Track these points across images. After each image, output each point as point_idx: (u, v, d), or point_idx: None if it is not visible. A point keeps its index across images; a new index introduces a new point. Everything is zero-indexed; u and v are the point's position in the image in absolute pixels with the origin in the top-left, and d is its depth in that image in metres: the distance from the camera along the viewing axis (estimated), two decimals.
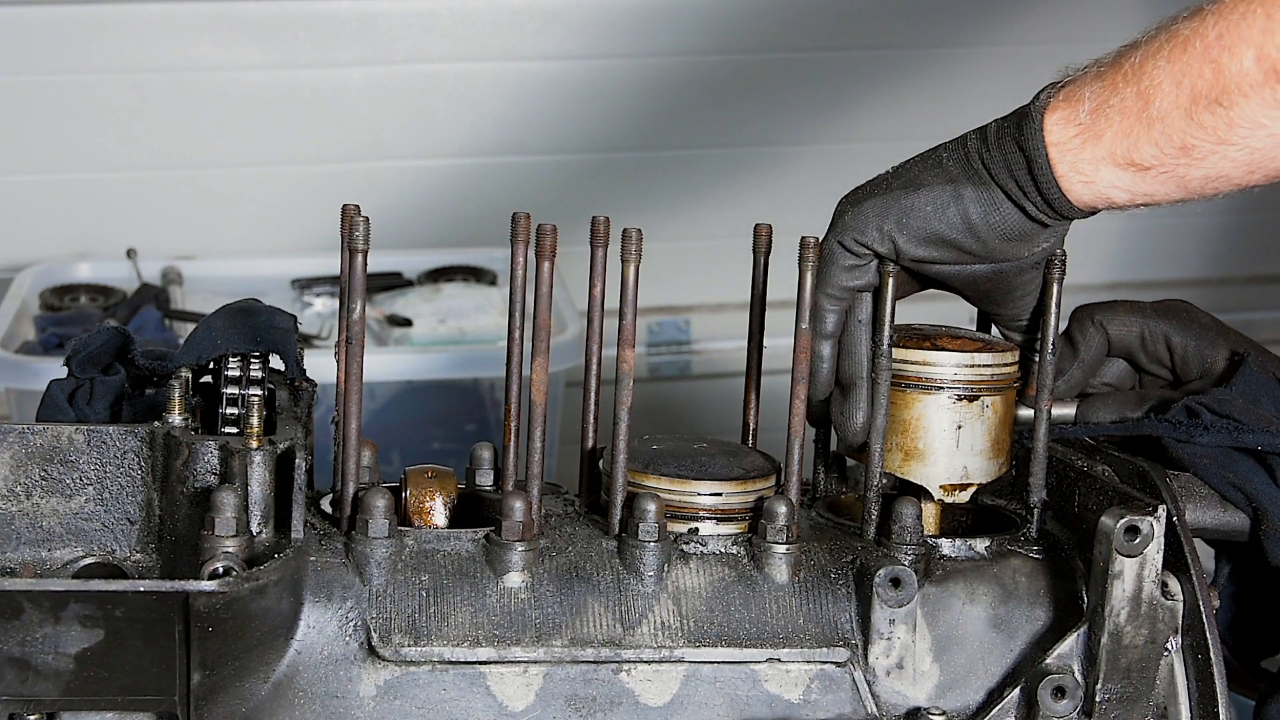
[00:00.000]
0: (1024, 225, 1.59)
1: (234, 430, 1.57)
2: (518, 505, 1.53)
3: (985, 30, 4.06)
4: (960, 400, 1.63)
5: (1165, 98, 1.51)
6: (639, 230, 1.57)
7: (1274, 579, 1.65)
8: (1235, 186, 1.54)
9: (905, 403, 1.63)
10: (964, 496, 1.65)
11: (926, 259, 1.61)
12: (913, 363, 1.63)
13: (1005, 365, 1.65)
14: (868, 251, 1.62)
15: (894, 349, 1.63)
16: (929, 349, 1.64)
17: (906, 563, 1.55)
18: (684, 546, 1.58)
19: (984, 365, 1.63)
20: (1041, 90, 1.59)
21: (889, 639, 1.54)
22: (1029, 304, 1.66)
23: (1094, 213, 1.60)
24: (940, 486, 1.64)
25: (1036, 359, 1.65)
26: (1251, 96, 1.48)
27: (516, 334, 1.58)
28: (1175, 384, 1.74)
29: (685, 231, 4.00)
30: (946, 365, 1.63)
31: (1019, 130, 1.57)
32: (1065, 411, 1.72)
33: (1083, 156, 1.55)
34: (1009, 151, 1.57)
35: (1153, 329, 1.73)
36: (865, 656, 1.55)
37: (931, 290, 1.70)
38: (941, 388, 1.63)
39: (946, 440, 1.64)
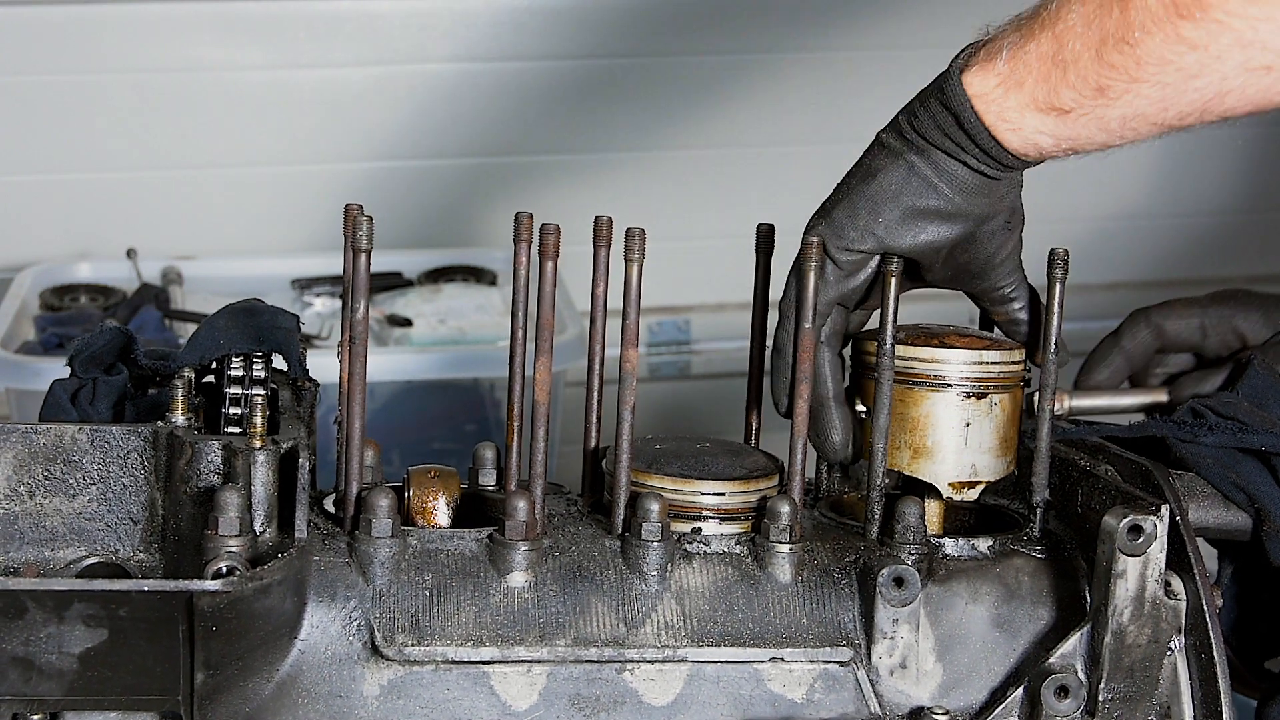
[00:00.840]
0: (975, 179, 1.59)
1: (237, 430, 1.56)
2: (521, 505, 1.53)
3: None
4: (969, 398, 1.63)
5: (1077, 39, 1.51)
6: (642, 230, 1.57)
7: (1276, 579, 1.66)
8: (1154, 126, 1.53)
9: (914, 400, 1.63)
10: (972, 494, 1.65)
11: (913, 237, 1.60)
12: (921, 360, 1.63)
13: (1013, 363, 1.65)
14: (854, 254, 1.62)
15: (903, 347, 1.63)
16: (937, 347, 1.64)
17: (910, 562, 1.55)
18: (687, 546, 1.58)
19: (992, 363, 1.64)
20: (961, 51, 1.59)
21: (892, 638, 1.54)
22: (1006, 271, 1.66)
23: (1039, 161, 1.59)
24: (949, 484, 1.64)
25: (1040, 360, 1.66)
26: (1155, 33, 1.48)
27: (519, 334, 1.58)
28: None
29: (685, 231, 4.00)
30: (954, 363, 1.63)
31: (941, 91, 1.58)
32: (1100, 401, 1.72)
33: (1007, 105, 1.55)
34: (936, 113, 1.58)
35: (1213, 317, 1.73)
36: (868, 656, 1.55)
37: (933, 290, 1.70)
38: (949, 385, 1.63)
39: (955, 438, 1.64)
